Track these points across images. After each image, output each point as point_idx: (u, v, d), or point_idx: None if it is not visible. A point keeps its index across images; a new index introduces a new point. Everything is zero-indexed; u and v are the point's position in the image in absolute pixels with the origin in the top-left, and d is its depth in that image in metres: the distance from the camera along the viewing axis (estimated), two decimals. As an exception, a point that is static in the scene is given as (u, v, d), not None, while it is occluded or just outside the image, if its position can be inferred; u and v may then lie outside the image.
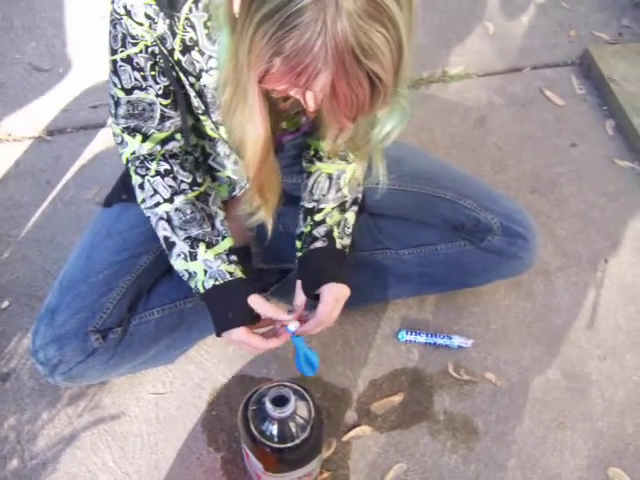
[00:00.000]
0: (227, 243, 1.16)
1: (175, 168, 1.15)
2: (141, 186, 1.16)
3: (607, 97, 1.87)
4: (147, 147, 1.13)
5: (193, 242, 1.13)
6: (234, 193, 1.33)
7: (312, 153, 1.27)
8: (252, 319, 1.12)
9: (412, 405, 1.35)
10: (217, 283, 1.11)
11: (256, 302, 1.11)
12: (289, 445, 0.99)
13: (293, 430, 0.99)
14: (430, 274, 1.38)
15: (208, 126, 1.14)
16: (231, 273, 1.13)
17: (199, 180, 1.19)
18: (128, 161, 1.17)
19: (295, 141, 1.33)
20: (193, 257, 1.13)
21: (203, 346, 1.39)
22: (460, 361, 1.41)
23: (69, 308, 1.19)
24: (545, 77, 1.94)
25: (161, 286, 1.28)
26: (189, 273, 1.13)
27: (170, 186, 1.15)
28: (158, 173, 1.15)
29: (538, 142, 1.79)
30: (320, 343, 1.41)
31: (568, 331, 1.46)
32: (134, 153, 1.14)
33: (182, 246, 1.13)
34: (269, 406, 0.95)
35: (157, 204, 1.14)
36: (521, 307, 1.49)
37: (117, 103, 1.09)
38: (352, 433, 1.31)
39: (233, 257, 1.15)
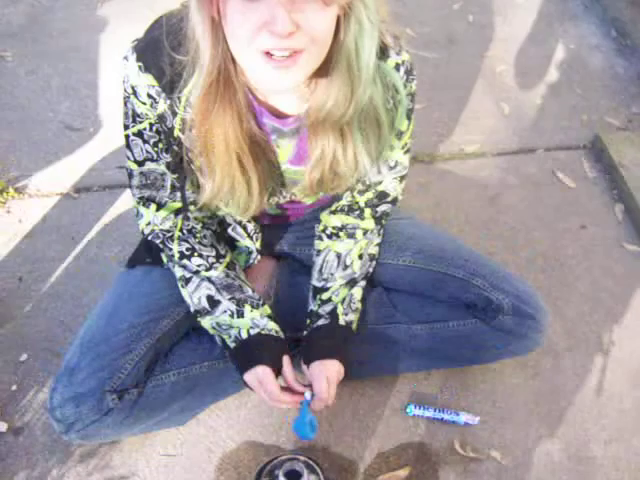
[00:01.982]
0: (268, 309, 1.25)
1: (197, 247, 1.22)
2: (171, 258, 1.23)
3: (617, 181, 1.93)
4: (161, 215, 1.20)
5: (239, 302, 1.22)
6: (250, 262, 1.38)
7: (322, 228, 1.33)
8: (278, 370, 1.19)
9: (418, 480, 1.36)
10: (262, 332, 1.20)
11: (287, 362, 1.20)
12: (298, 518, 1.01)
13: (303, 504, 1.01)
14: (441, 349, 1.40)
15: None
16: (277, 331, 1.22)
17: (222, 252, 1.25)
18: (144, 232, 1.23)
19: (314, 214, 1.38)
20: (240, 314, 1.21)
21: (215, 410, 1.42)
22: (466, 438, 1.42)
23: (88, 367, 1.22)
24: (558, 159, 2.00)
25: (178, 349, 1.32)
26: (231, 326, 1.21)
27: (199, 264, 1.22)
28: (182, 255, 1.22)
29: (549, 223, 1.83)
30: (330, 413, 1.43)
31: (574, 413, 1.48)
32: (149, 223, 1.21)
33: (228, 304, 1.21)
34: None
35: (196, 272, 1.22)
36: (528, 386, 1.51)
37: (131, 175, 1.17)
38: (358, 506, 1.32)
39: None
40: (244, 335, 1.20)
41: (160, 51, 1.00)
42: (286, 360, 1.20)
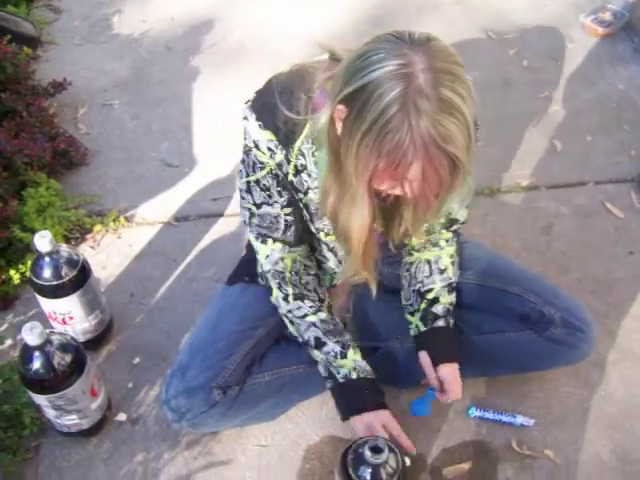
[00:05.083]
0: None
1: (304, 292, 1.45)
2: (285, 299, 1.45)
3: (663, 212, 2.08)
4: (277, 248, 1.41)
5: (344, 345, 1.43)
6: (334, 282, 1.60)
7: (410, 248, 1.53)
8: None
9: (478, 474, 1.53)
10: (369, 377, 1.43)
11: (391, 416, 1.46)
12: (380, 490, 1.21)
13: (384, 477, 1.21)
14: (499, 357, 1.58)
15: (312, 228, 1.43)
16: (373, 374, 1.45)
17: (322, 296, 1.48)
18: (263, 269, 1.46)
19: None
20: (343, 356, 1.42)
21: (301, 408, 1.63)
22: (522, 438, 1.59)
23: (198, 366, 1.45)
24: (607, 191, 2.17)
25: (273, 354, 1.54)
26: (339, 365, 1.42)
27: (310, 307, 1.44)
28: (296, 297, 1.44)
29: (599, 249, 2.00)
30: (401, 412, 1.61)
31: (623, 419, 1.63)
32: (267, 257, 1.43)
33: (333, 346, 1.42)
34: (368, 453, 1.17)
35: (304, 315, 1.44)
36: (579, 394, 1.67)
37: (251, 215, 1.40)
38: (426, 493, 1.50)
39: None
40: (354, 376, 1.41)
41: (276, 111, 1.22)
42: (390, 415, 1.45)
